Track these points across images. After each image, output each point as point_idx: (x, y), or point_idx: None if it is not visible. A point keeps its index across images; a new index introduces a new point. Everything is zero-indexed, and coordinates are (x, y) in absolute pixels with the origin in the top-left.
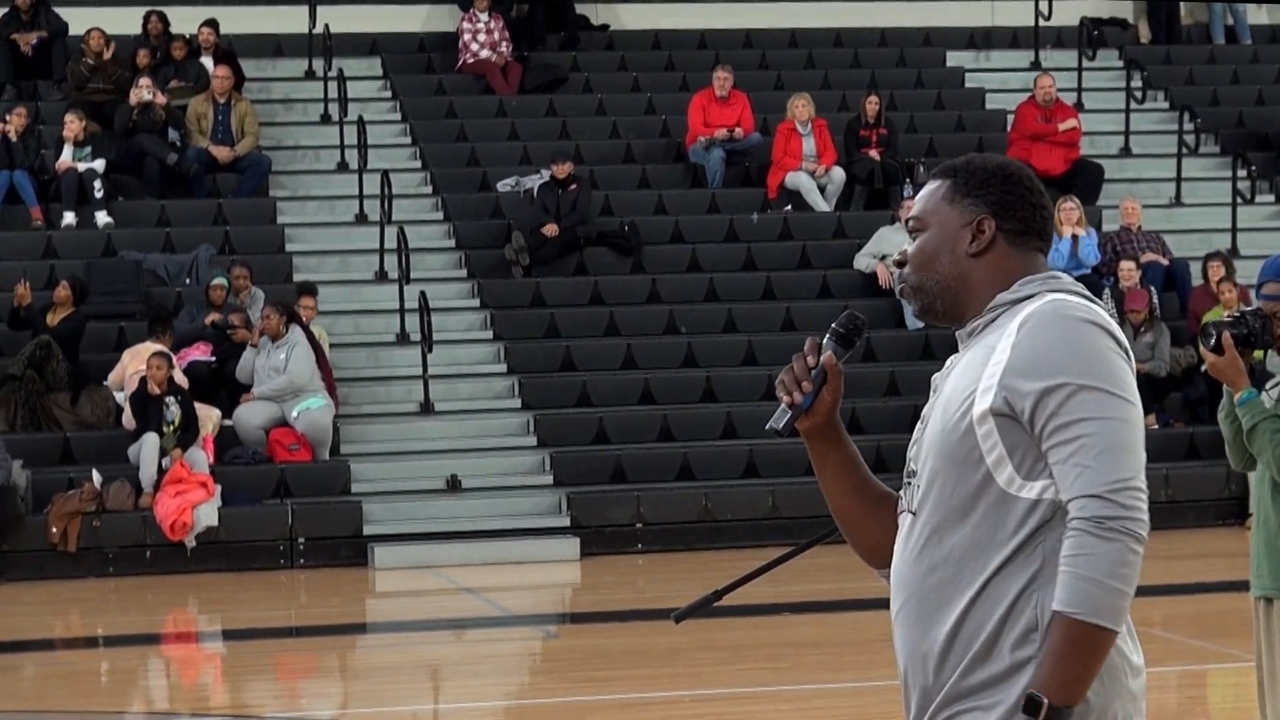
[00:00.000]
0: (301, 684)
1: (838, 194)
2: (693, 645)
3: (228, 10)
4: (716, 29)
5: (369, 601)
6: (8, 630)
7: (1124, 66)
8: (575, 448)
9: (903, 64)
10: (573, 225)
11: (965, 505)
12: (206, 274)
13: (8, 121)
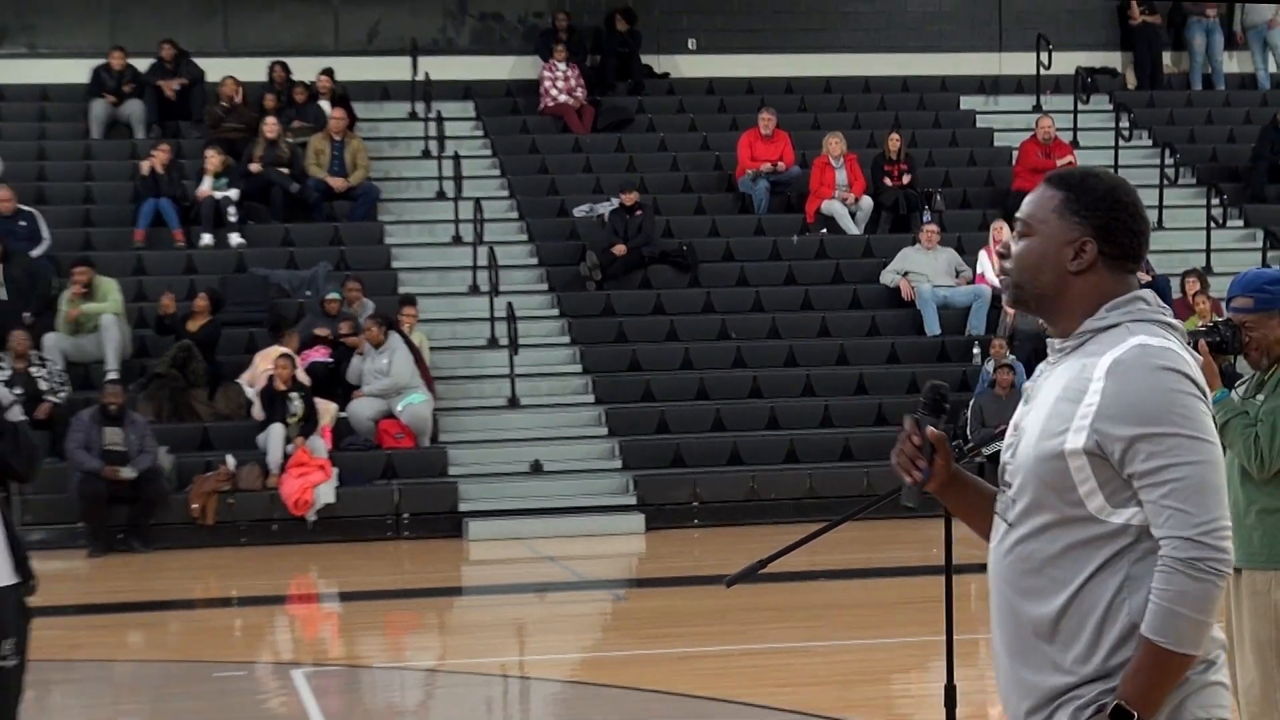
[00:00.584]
0: (405, 639)
1: (866, 219)
2: (742, 606)
3: (342, 60)
4: (761, 77)
5: (463, 568)
6: (155, 592)
7: (1113, 109)
8: (640, 437)
9: (922, 107)
10: (638, 246)
11: (1058, 523)
12: (324, 287)
13: (154, 156)
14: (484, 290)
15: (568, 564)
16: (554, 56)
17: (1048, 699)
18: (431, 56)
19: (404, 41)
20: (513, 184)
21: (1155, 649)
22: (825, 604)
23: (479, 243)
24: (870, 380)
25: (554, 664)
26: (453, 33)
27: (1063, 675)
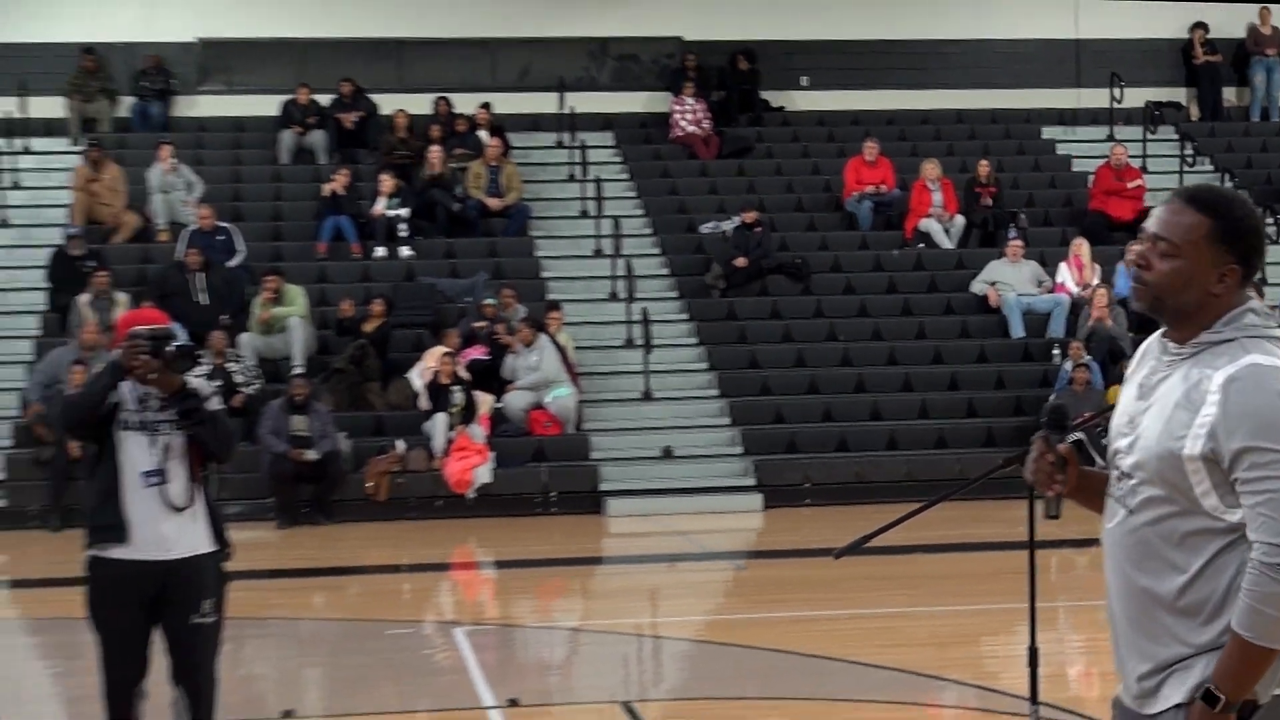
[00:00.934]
0: (552, 602)
1: (958, 235)
2: (848, 576)
3: (498, 95)
4: (866, 110)
5: (603, 541)
6: (335, 559)
7: (1179, 139)
8: (758, 426)
9: (1008, 136)
10: (757, 258)
11: (1177, 515)
12: (481, 294)
13: (335, 180)
14: (621, 297)
15: (694, 538)
16: (683, 92)
17: (1162, 666)
18: (576, 92)
19: (552, 79)
20: (647, 204)
21: (1242, 641)
22: (922, 574)
23: (617, 255)
24: (961, 378)
25: (682, 625)
26: (595, 71)
27: (1179, 646)
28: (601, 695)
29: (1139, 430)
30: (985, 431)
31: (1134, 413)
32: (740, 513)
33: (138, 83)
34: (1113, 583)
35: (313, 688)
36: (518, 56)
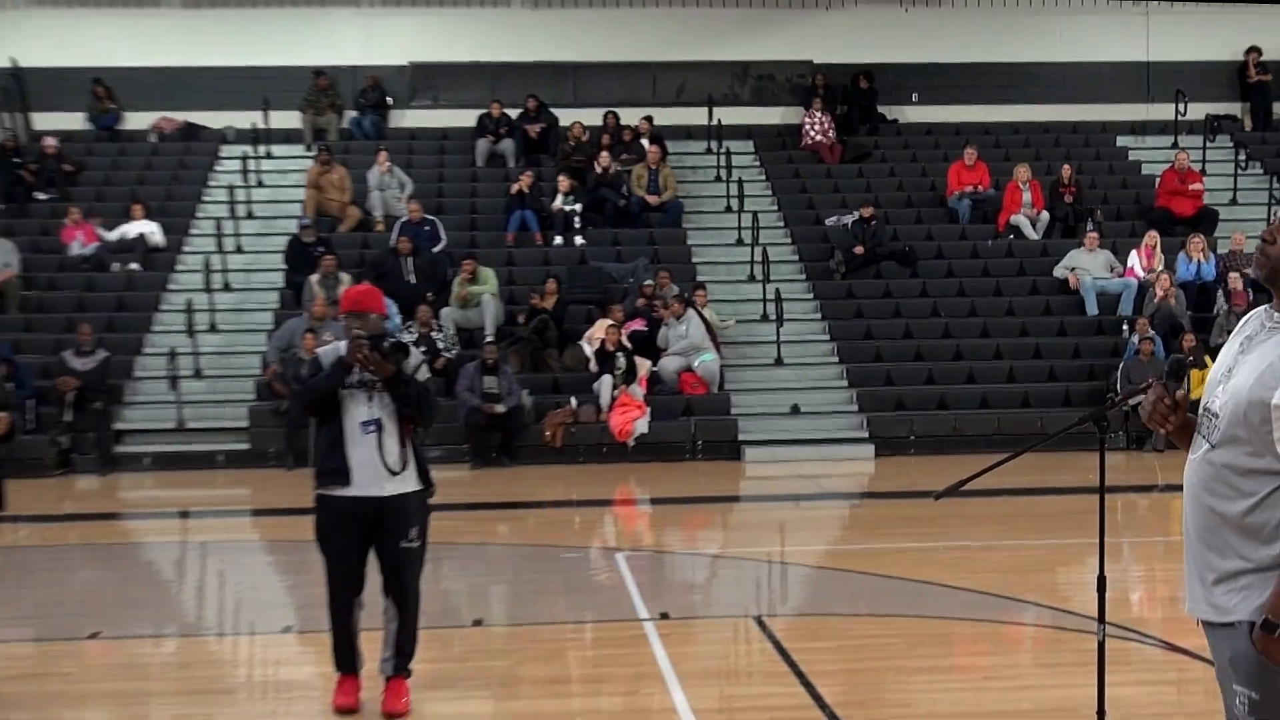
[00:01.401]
0: (697, 532)
1: (1044, 228)
2: (944, 515)
3: (658, 110)
4: (966, 122)
5: (740, 483)
6: (517, 495)
7: (1234, 146)
8: (872, 388)
9: (1087, 145)
10: (873, 247)
11: (1251, 451)
12: (641, 276)
13: (521, 180)
14: (758, 279)
15: (817, 481)
16: (813, 107)
17: (1223, 577)
18: (723, 107)
19: (703, 96)
20: (780, 201)
21: None
22: (1007, 514)
23: (755, 244)
24: (1044, 349)
25: (804, 553)
26: (738, 89)
27: (1240, 561)
28: (737, 611)
29: (1234, 377)
30: (1063, 393)
31: (1232, 364)
32: (855, 460)
33: (359, 99)
34: (1188, 506)
35: (498, 601)
36: (674, 77)
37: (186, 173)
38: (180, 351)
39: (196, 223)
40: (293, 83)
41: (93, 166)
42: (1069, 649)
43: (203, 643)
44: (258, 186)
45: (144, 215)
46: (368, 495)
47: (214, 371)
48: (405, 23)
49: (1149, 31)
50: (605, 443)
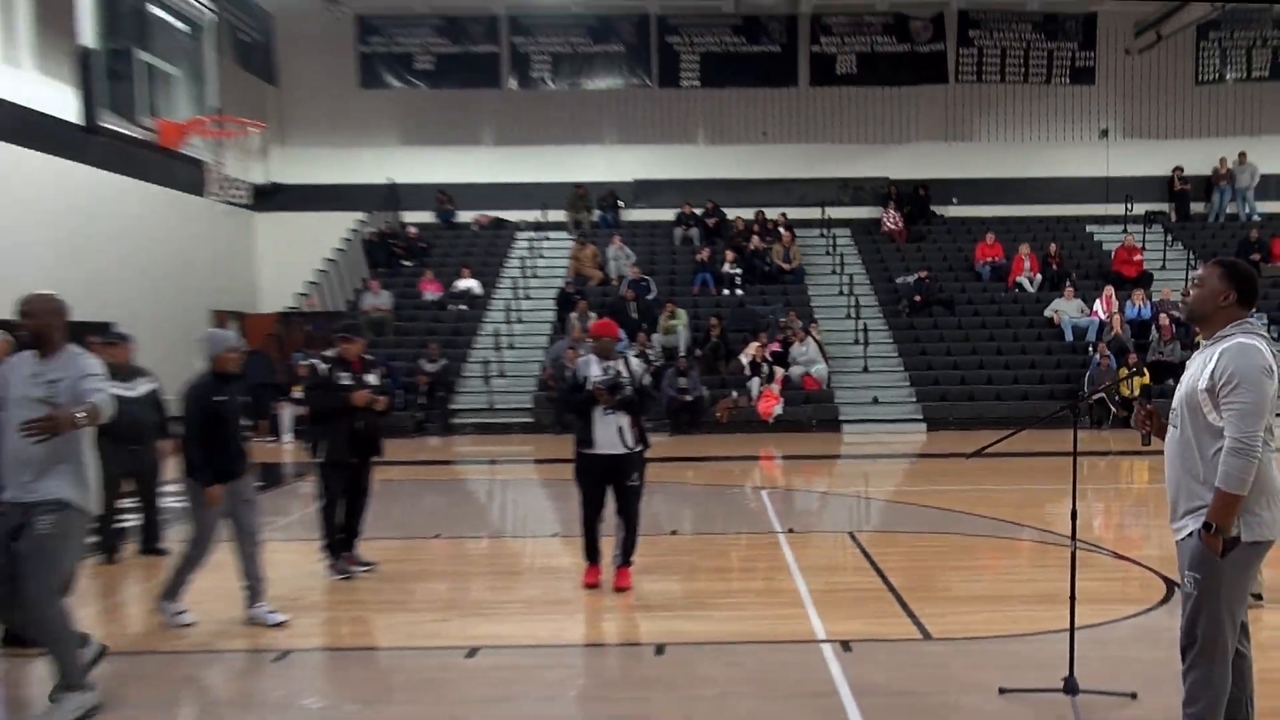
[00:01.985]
0: (814, 477)
1: (1038, 284)
2: (973, 469)
3: (790, 208)
4: (988, 216)
5: (840, 447)
6: (697, 452)
7: (1163, 231)
8: (925, 387)
9: (1066, 230)
10: (926, 297)
11: (1198, 427)
12: (779, 315)
13: (701, 253)
14: (852, 317)
15: (888, 446)
16: (888, 207)
17: (1187, 511)
18: (831, 207)
19: (818, 200)
20: (866, 267)
21: (1221, 492)
22: (1012, 469)
23: (850, 294)
24: (1037, 362)
25: (881, 491)
26: (841, 195)
27: (1196, 500)
28: (837, 527)
29: (1182, 384)
30: (1049, 391)
31: (1184, 377)
32: (913, 434)
33: (602, 202)
34: (1167, 469)
35: (685, 519)
36: (800, 188)
37: (495, 249)
38: (490, 360)
39: (501, 280)
40: (561, 192)
41: (437, 245)
42: (1051, 557)
43: (503, 542)
44: (539, 258)
45: (469, 275)
46: (607, 453)
47: (511, 373)
48: (632, 154)
49: (1108, 157)
50: (754, 421)
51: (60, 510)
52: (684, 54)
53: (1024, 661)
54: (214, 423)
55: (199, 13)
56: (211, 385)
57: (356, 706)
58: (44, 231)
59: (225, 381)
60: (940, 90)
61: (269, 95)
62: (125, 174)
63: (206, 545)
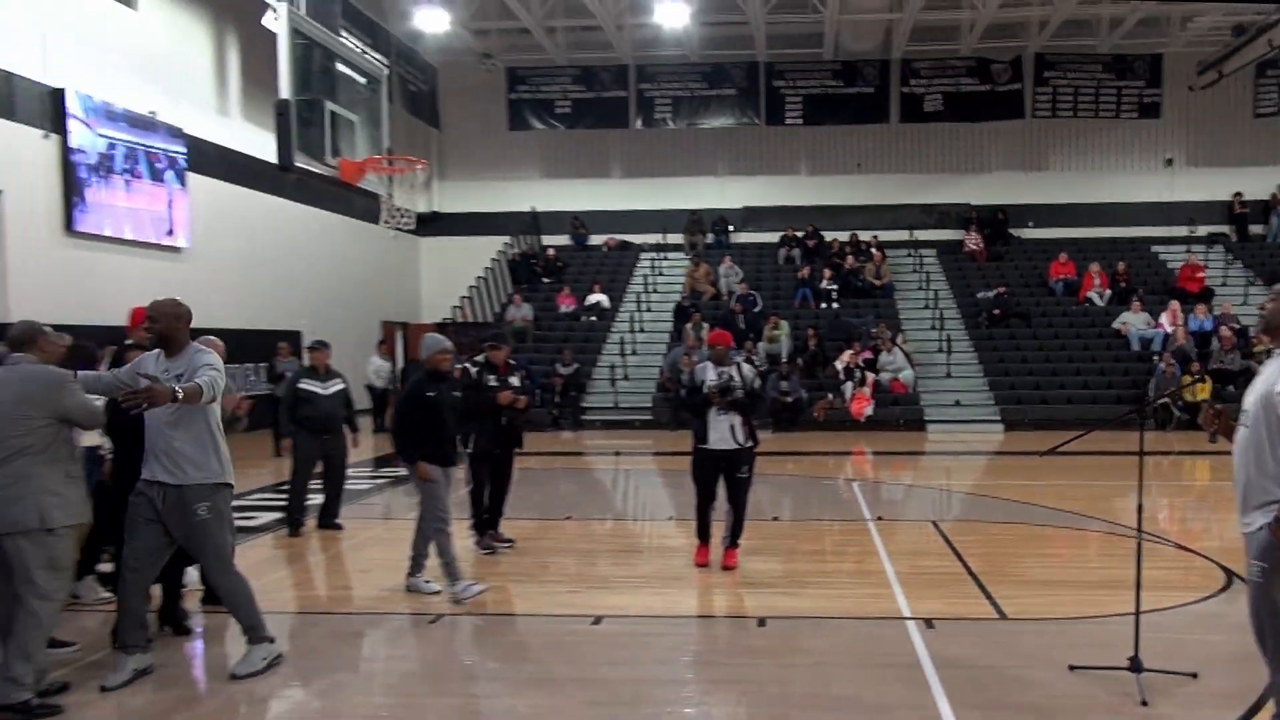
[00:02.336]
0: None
1: (1107, 299)
2: (1047, 466)
3: (880, 230)
4: (1061, 237)
5: (925, 444)
6: (796, 448)
7: (1224, 251)
8: (1003, 390)
9: (1133, 250)
10: (1005, 310)
11: (1270, 427)
12: (870, 326)
13: (802, 271)
14: (937, 329)
15: (968, 444)
16: (970, 229)
17: (1255, 506)
18: (918, 230)
19: (906, 223)
20: (950, 284)
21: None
22: (1083, 466)
23: (935, 308)
24: (1105, 369)
25: (962, 484)
26: (927, 219)
27: (1265, 495)
28: (921, 517)
29: (1254, 387)
30: (1117, 396)
31: (1256, 382)
32: (992, 433)
33: (714, 227)
34: (1237, 466)
35: (785, 506)
36: (890, 213)
37: (622, 268)
38: (616, 365)
39: (626, 295)
40: (679, 218)
41: (572, 264)
42: (1118, 546)
43: (625, 524)
44: (659, 275)
45: (599, 290)
46: (720, 449)
47: (634, 376)
48: (741, 184)
49: (1173, 183)
50: (847, 420)
51: (211, 493)
52: (789, 96)
53: (1092, 641)
54: (426, 414)
55: (377, 68)
56: (425, 382)
57: (498, 665)
58: (247, 254)
59: (438, 379)
60: (1018, 125)
61: (432, 137)
62: (313, 205)
63: (444, 517)
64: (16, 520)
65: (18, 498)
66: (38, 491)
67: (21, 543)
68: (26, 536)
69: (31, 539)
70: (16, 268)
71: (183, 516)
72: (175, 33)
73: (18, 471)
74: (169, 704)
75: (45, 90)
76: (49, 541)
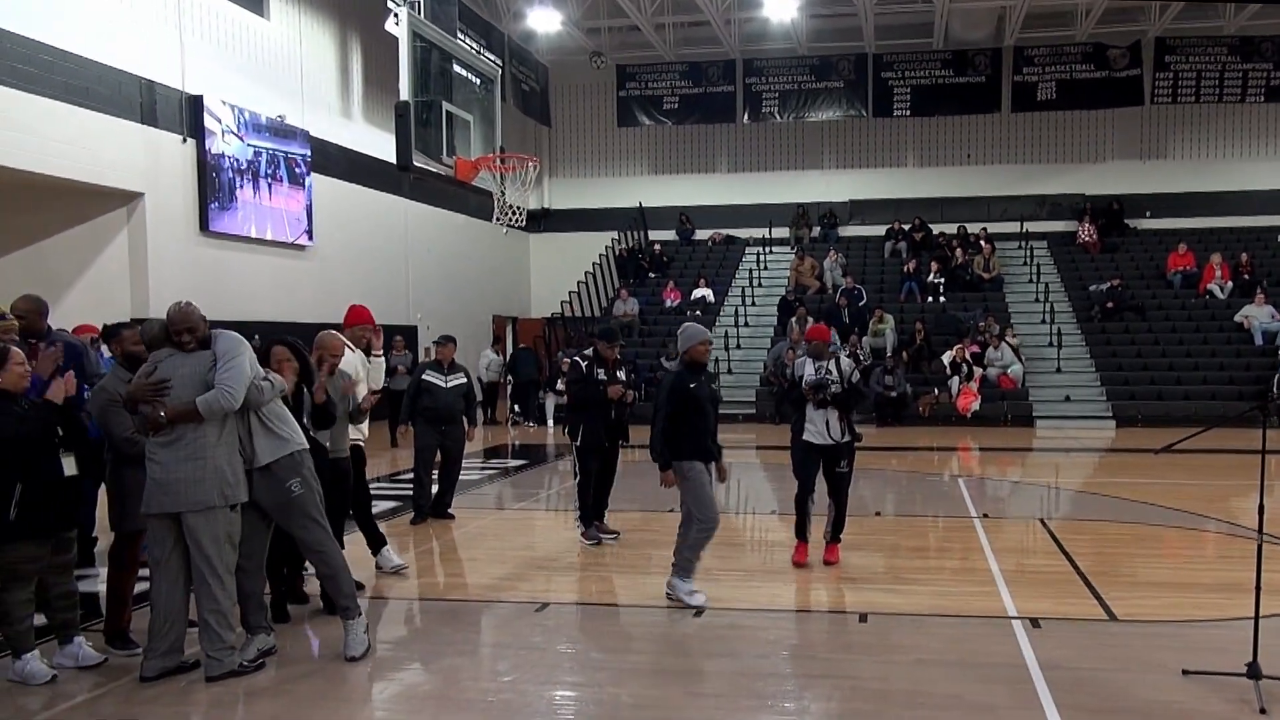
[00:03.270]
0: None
1: (1229, 291)
2: (1163, 464)
3: (989, 223)
4: (1180, 228)
5: (1034, 441)
6: (902, 442)
7: None
8: (1115, 386)
9: (1257, 240)
10: (1119, 303)
11: None
12: (979, 320)
13: (909, 265)
14: (1046, 322)
15: (1078, 440)
16: (1084, 220)
17: None
18: (1029, 221)
19: (1017, 214)
20: (1062, 275)
21: None
22: (1201, 465)
23: (1046, 301)
24: (1226, 364)
25: (1071, 482)
26: (1038, 210)
27: None
28: (1029, 514)
29: None
30: (1238, 392)
31: None
32: (1103, 430)
33: (821, 220)
34: None
35: (888, 501)
36: (1000, 204)
37: (727, 262)
38: (720, 359)
39: (732, 289)
40: (785, 212)
41: (678, 258)
42: (1236, 548)
43: (727, 517)
44: (764, 269)
45: (705, 285)
46: (818, 443)
47: (738, 370)
48: (847, 177)
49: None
50: (953, 415)
51: (298, 465)
52: (896, 87)
53: (1206, 646)
54: (686, 408)
55: (491, 69)
56: (685, 375)
57: (602, 655)
58: (366, 250)
59: (697, 371)
60: (1135, 111)
61: (544, 134)
62: (429, 203)
63: (711, 517)
64: (199, 499)
65: (199, 478)
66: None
67: (198, 519)
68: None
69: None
70: (156, 265)
71: (275, 496)
72: (303, 39)
73: (196, 451)
74: (285, 679)
75: (184, 97)
76: (230, 517)
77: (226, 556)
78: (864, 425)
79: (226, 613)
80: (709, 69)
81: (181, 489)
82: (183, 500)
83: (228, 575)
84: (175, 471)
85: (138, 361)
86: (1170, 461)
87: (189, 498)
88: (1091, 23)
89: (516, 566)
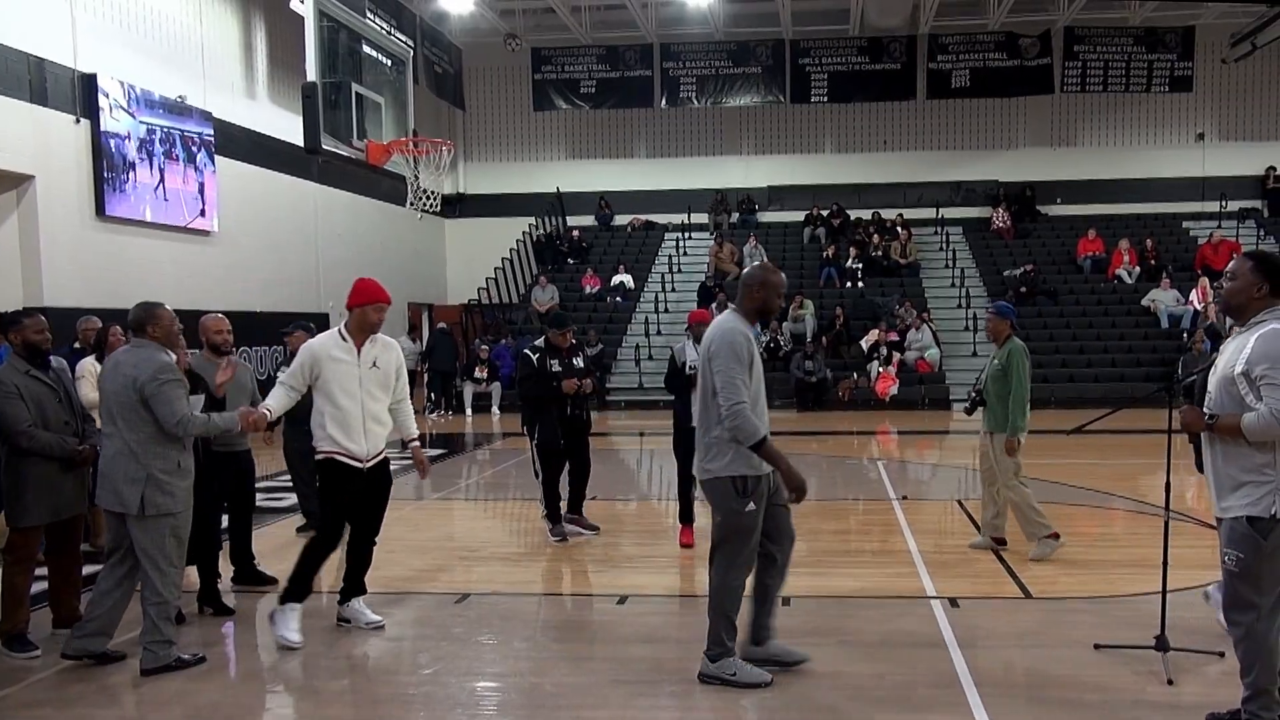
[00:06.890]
0: (924, 451)
1: (1136, 276)
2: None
3: (905, 209)
4: (1090, 214)
5: (949, 424)
6: (822, 427)
7: (1256, 227)
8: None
9: (1164, 227)
10: (1032, 288)
11: (1234, 410)
12: (895, 305)
13: (828, 250)
14: (962, 307)
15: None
16: (998, 206)
17: (1233, 487)
18: (945, 207)
19: (933, 201)
20: (977, 261)
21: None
22: (1110, 445)
23: (961, 286)
24: (1134, 347)
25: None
26: (954, 196)
27: (1234, 481)
28: (945, 496)
29: (1216, 369)
30: (1145, 374)
31: (1217, 361)
32: None
33: (739, 206)
34: (1207, 455)
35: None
36: (916, 190)
37: (646, 248)
38: (641, 345)
39: (651, 275)
40: (704, 198)
41: (597, 244)
42: (1145, 525)
43: (649, 504)
44: (684, 255)
45: (624, 271)
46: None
47: (659, 356)
48: (765, 163)
49: (1204, 158)
50: (872, 399)
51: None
52: (814, 73)
53: (1118, 621)
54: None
55: (402, 50)
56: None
57: (524, 644)
58: (274, 236)
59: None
60: (1046, 100)
61: (457, 118)
62: (339, 187)
63: None
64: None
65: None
66: None
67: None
68: None
69: None
70: (49, 252)
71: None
72: (204, 16)
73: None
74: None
75: (77, 75)
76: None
77: (170, 550)
78: (784, 410)
79: (168, 605)
80: (626, 53)
81: (112, 486)
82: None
83: (171, 568)
84: (109, 467)
85: (38, 351)
86: (1081, 442)
87: (122, 498)
88: (1004, 12)
89: (436, 558)
